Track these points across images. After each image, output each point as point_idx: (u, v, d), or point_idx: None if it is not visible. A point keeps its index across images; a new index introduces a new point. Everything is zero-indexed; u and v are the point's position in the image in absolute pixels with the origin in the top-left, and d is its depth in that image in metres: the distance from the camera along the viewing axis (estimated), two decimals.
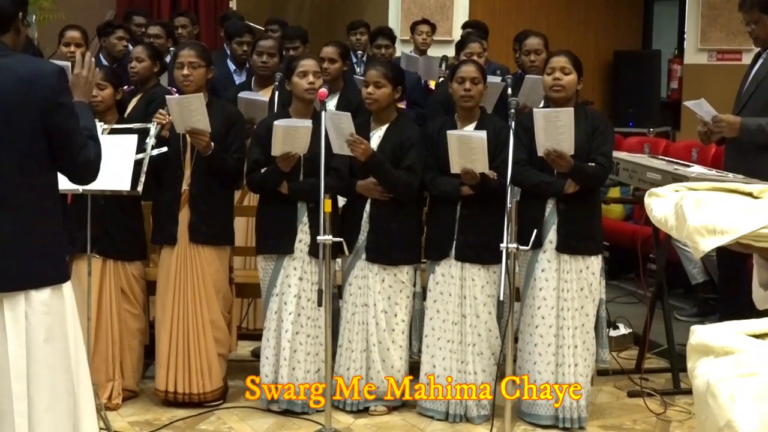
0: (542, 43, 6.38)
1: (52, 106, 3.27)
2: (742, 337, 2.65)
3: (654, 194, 3.64)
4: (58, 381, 3.36)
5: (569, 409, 4.97)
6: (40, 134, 3.28)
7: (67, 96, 3.36)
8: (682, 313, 6.96)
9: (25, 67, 3.29)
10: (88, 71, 3.62)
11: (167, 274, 5.18)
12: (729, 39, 9.98)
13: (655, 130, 10.08)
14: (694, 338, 2.75)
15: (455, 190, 4.99)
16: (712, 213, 3.18)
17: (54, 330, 3.33)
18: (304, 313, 5.11)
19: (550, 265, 4.97)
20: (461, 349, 5.07)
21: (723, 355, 2.60)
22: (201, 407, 5.19)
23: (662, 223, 3.48)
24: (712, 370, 2.53)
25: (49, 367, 3.33)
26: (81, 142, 3.37)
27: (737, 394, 2.38)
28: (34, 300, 3.29)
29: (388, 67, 5.19)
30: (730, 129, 5.47)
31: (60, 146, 3.34)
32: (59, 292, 3.37)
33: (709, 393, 2.45)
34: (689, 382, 2.67)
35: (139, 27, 7.87)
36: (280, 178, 5.05)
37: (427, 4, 9.92)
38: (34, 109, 3.24)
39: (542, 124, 4.78)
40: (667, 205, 3.46)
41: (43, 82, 3.26)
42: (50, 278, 3.35)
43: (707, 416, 2.46)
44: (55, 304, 3.34)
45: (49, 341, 3.32)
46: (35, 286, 3.30)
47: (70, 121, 3.34)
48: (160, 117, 5.11)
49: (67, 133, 3.33)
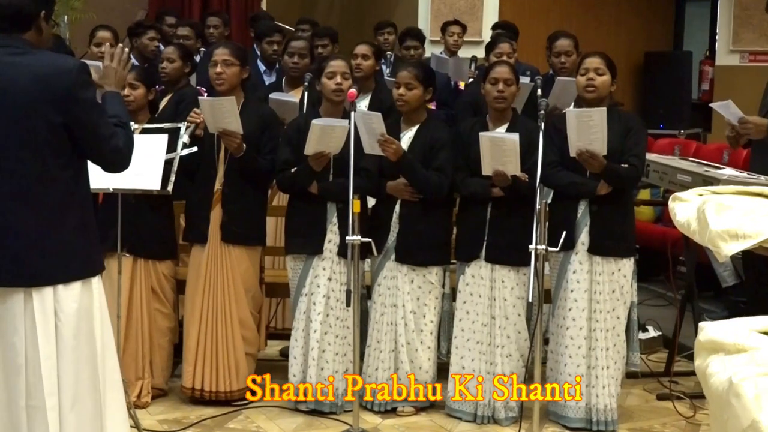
0: (572, 44, 6.37)
1: (72, 101, 3.28)
2: (755, 335, 2.63)
3: (678, 198, 3.63)
4: (84, 378, 3.38)
5: (602, 411, 4.94)
6: (59, 129, 3.30)
7: (88, 90, 3.35)
8: (712, 315, 6.90)
9: (43, 64, 3.30)
10: (119, 63, 3.64)
11: (197, 273, 5.20)
12: (761, 40, 9.91)
13: (686, 132, 10.03)
14: (703, 335, 2.73)
15: (485, 191, 4.98)
16: (735, 217, 3.17)
17: (82, 326, 3.36)
18: (333, 314, 5.12)
19: (582, 266, 4.95)
20: (490, 351, 5.06)
21: (735, 352, 2.57)
22: (228, 406, 5.21)
23: (685, 228, 3.48)
24: (730, 368, 2.51)
25: (76, 363, 3.35)
26: (108, 132, 3.38)
27: (763, 393, 2.36)
28: (63, 295, 3.32)
29: (420, 69, 5.19)
30: (757, 130, 5.44)
31: (85, 139, 3.36)
32: (89, 287, 3.39)
33: (732, 392, 2.43)
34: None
35: (171, 27, 7.91)
36: (311, 178, 5.05)
37: (456, 5, 9.91)
38: (52, 105, 3.26)
39: (574, 124, 4.76)
40: (690, 210, 3.45)
41: (62, 77, 3.28)
42: (79, 273, 3.37)
43: (729, 416, 2.43)
44: (85, 300, 3.37)
45: (77, 337, 3.34)
46: (64, 280, 3.32)
47: (92, 113, 3.35)
48: (195, 116, 5.14)
49: (90, 125, 3.34)
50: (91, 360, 3.40)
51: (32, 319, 3.28)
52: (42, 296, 3.29)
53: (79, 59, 3.96)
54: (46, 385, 3.29)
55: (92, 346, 3.40)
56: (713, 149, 7.79)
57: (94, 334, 3.41)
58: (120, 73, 3.64)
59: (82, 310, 3.36)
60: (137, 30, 7.59)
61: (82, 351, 3.37)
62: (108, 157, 3.45)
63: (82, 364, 3.37)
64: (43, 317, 3.29)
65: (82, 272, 3.38)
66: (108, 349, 3.50)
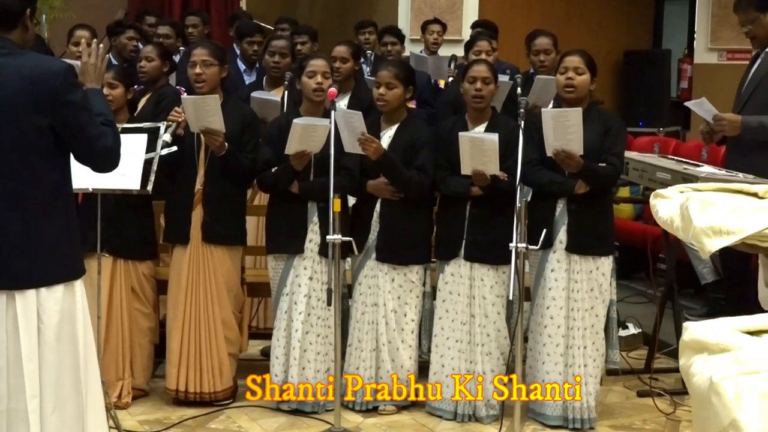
0: (551, 42, 6.37)
1: (59, 104, 3.27)
2: (738, 335, 2.64)
3: (659, 195, 3.64)
4: (66, 381, 3.37)
5: (579, 409, 4.96)
6: (47, 132, 3.28)
7: (76, 93, 3.34)
8: (692, 312, 6.94)
9: (31, 65, 3.28)
10: (96, 58, 3.62)
11: (179, 274, 5.19)
12: (739, 39, 9.87)
13: (665, 130, 10.06)
14: (687, 335, 2.74)
15: (465, 190, 4.99)
16: (718, 214, 3.18)
17: (64, 328, 3.35)
18: (314, 313, 5.12)
19: (560, 265, 4.96)
20: (470, 349, 5.07)
21: (718, 352, 2.59)
22: (211, 406, 5.20)
23: (668, 224, 3.49)
24: (712, 367, 2.52)
25: (59, 366, 3.34)
26: (96, 133, 3.37)
27: (743, 392, 2.37)
28: (46, 298, 3.30)
29: (400, 68, 5.19)
30: (732, 127, 5.50)
31: (74, 141, 3.35)
32: (71, 290, 3.38)
33: (712, 391, 2.44)
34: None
35: (151, 27, 7.88)
36: (292, 178, 5.05)
37: (437, 4, 9.91)
38: (40, 108, 3.25)
39: (551, 124, 4.77)
40: (672, 206, 3.46)
41: (49, 80, 3.26)
42: (62, 275, 3.36)
43: (710, 415, 2.44)
44: (67, 302, 3.36)
45: (59, 340, 3.33)
46: (47, 283, 3.31)
47: (81, 116, 3.33)
48: (176, 115, 5.12)
49: (79, 127, 3.33)
50: (74, 363, 3.39)
51: (14, 322, 3.26)
52: (25, 299, 3.27)
53: (60, 59, 3.94)
54: (29, 388, 3.27)
55: (75, 348, 3.39)
56: (692, 147, 7.83)
57: (77, 337, 3.39)
58: (99, 69, 3.63)
59: (64, 313, 3.35)
60: (116, 29, 7.56)
61: (65, 354, 3.36)
62: (98, 158, 3.44)
63: (64, 366, 3.36)
64: (26, 320, 3.27)
65: (65, 275, 3.37)
66: (90, 351, 3.49)
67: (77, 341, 3.40)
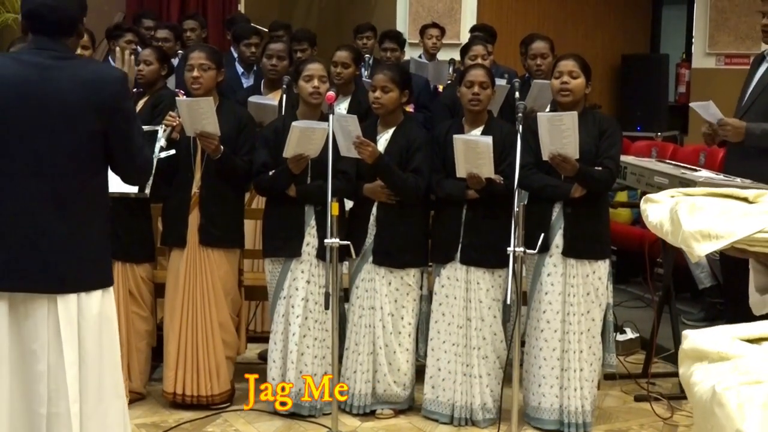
0: (548, 47, 6.36)
1: (114, 110, 3.33)
2: (738, 343, 2.63)
3: (650, 200, 3.64)
4: (107, 384, 3.39)
5: (574, 414, 4.96)
6: (99, 138, 3.33)
7: (129, 101, 3.46)
8: (689, 317, 6.95)
9: (89, 71, 3.35)
10: (129, 68, 3.71)
11: (176, 277, 5.19)
12: (737, 43, 9.96)
13: (663, 134, 10.07)
14: (686, 343, 2.73)
15: (461, 193, 4.99)
16: (707, 218, 3.18)
17: (104, 333, 3.38)
18: (312, 316, 5.12)
19: (556, 269, 4.97)
20: (466, 353, 5.07)
21: (718, 360, 2.58)
22: (208, 410, 5.20)
23: (657, 229, 3.48)
24: (713, 376, 2.51)
25: (99, 370, 3.36)
26: (140, 143, 3.46)
27: (746, 403, 2.36)
28: (86, 302, 3.33)
29: (395, 71, 5.19)
30: (735, 133, 5.47)
31: (120, 148, 3.40)
32: (108, 294, 3.42)
33: (715, 401, 2.42)
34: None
35: (149, 30, 7.88)
36: (289, 181, 5.05)
37: (435, 8, 9.92)
38: (96, 112, 3.30)
39: (546, 127, 4.77)
40: (662, 211, 3.46)
41: (107, 86, 3.32)
42: (101, 281, 3.40)
43: (713, 425, 2.43)
44: (105, 307, 3.38)
45: (99, 344, 3.36)
46: (87, 288, 3.34)
47: (131, 125, 3.41)
48: (171, 119, 5.13)
49: (127, 136, 3.40)
50: (114, 366, 3.43)
51: (56, 326, 3.28)
52: (66, 303, 3.29)
53: (115, 67, 3.99)
54: (71, 393, 3.29)
55: (114, 352, 3.43)
56: (690, 151, 7.83)
57: (114, 342, 3.43)
58: (130, 79, 3.71)
59: (103, 317, 3.38)
60: (115, 32, 7.55)
61: (105, 358, 3.39)
62: (137, 169, 3.52)
63: (105, 370, 3.39)
64: (68, 324, 3.29)
65: (103, 280, 3.41)
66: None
67: (116, 345, 3.44)
